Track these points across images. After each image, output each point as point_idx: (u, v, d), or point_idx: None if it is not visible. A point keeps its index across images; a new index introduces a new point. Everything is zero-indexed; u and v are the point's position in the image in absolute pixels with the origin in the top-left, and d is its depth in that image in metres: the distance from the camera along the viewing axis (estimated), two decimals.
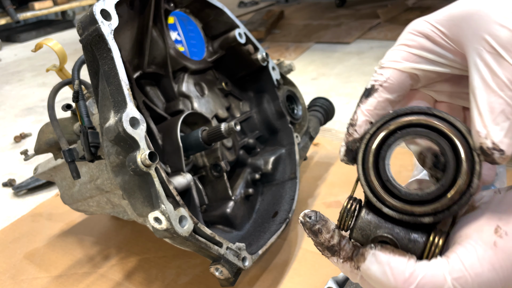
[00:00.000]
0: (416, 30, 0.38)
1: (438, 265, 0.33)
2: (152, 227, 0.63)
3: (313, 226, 0.38)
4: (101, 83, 0.68)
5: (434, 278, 0.32)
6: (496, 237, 0.32)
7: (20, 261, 0.98)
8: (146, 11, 0.89)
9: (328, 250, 0.38)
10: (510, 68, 0.31)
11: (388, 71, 0.38)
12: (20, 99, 2.15)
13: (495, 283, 0.32)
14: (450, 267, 0.33)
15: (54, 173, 0.94)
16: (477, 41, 0.33)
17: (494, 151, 0.32)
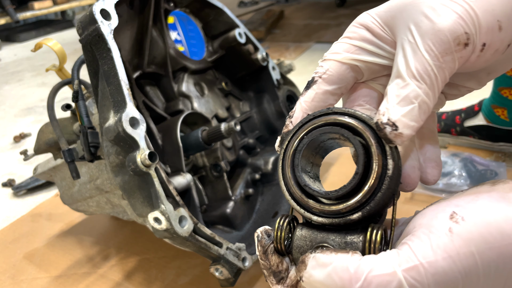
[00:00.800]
0: (358, 23, 0.38)
1: (387, 257, 0.30)
2: (152, 227, 0.62)
3: (267, 245, 0.36)
4: (101, 83, 0.68)
5: (382, 271, 0.29)
6: (451, 222, 0.29)
7: (20, 261, 0.98)
8: (146, 10, 0.89)
9: (274, 276, 0.36)
10: (422, 60, 0.31)
11: (328, 62, 0.38)
12: (20, 99, 2.15)
13: (452, 273, 0.28)
14: (400, 258, 0.29)
15: (54, 173, 0.94)
16: (403, 31, 0.33)
17: (387, 125, 0.31)
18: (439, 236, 0.29)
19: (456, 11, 0.31)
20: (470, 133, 1.19)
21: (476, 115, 1.18)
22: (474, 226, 0.29)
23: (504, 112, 1.12)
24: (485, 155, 1.16)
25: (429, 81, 0.31)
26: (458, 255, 0.28)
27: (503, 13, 0.31)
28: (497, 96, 1.12)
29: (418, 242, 0.30)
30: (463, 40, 0.31)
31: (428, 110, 0.32)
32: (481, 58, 0.33)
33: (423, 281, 0.28)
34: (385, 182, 0.32)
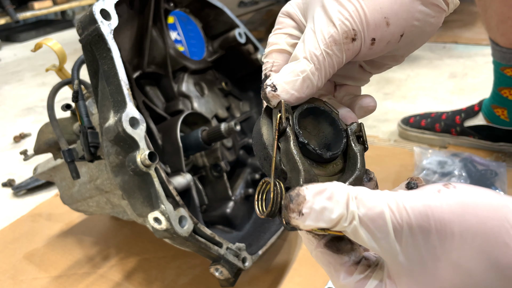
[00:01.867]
0: (283, 13, 0.41)
1: (377, 192, 0.31)
2: (152, 227, 0.62)
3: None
4: (101, 83, 0.68)
5: (374, 195, 0.30)
6: (442, 187, 0.30)
7: (20, 262, 0.98)
8: (146, 10, 0.89)
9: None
10: (315, 45, 0.35)
11: (272, 55, 0.40)
12: (20, 99, 2.15)
13: (428, 220, 0.28)
14: (389, 193, 0.30)
15: (54, 173, 0.94)
16: (309, 20, 0.37)
17: (267, 86, 0.35)
18: (427, 191, 0.30)
19: (348, 10, 0.35)
20: (470, 133, 1.19)
21: (476, 115, 1.18)
22: (462, 192, 0.29)
23: (504, 112, 1.12)
24: (485, 155, 1.16)
25: (317, 63, 0.35)
26: (437, 208, 0.29)
27: (390, 10, 0.35)
28: (497, 96, 1.12)
29: (405, 193, 0.31)
30: (350, 35, 0.35)
31: (312, 87, 0.35)
32: (375, 50, 0.37)
33: (402, 210, 0.29)
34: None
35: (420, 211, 0.28)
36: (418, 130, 1.28)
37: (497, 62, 1.09)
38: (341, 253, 0.33)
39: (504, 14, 0.99)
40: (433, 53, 2.10)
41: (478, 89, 1.64)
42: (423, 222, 0.28)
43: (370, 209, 0.29)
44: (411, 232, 0.29)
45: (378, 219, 0.29)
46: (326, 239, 0.34)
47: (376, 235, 0.29)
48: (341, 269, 0.33)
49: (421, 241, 0.29)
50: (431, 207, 0.28)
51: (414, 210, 0.29)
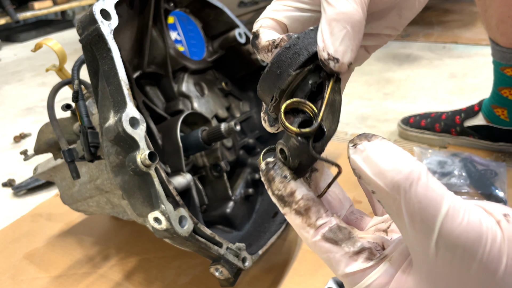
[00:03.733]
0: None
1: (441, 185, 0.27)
2: (152, 227, 0.62)
3: (268, 171, 0.33)
4: (101, 83, 0.68)
5: (437, 186, 0.26)
6: (503, 218, 0.26)
7: (20, 261, 0.98)
8: (146, 11, 0.89)
9: (279, 200, 0.33)
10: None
11: (260, 21, 0.37)
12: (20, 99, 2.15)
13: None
14: (453, 195, 0.26)
15: (54, 173, 0.94)
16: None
17: (330, 61, 0.31)
18: (487, 219, 0.26)
19: None
20: (470, 133, 1.19)
21: (476, 115, 1.18)
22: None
23: (504, 112, 1.12)
24: (485, 155, 1.16)
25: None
26: (494, 237, 0.25)
27: None
28: (497, 96, 1.12)
29: (470, 206, 0.27)
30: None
31: (360, 26, 0.32)
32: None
33: None
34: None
35: (478, 233, 0.25)
36: (418, 130, 1.29)
37: (497, 62, 1.09)
38: (339, 244, 0.31)
39: (504, 13, 0.99)
40: (433, 53, 2.10)
41: (478, 89, 1.64)
42: (472, 249, 0.25)
43: (425, 196, 0.25)
44: (455, 250, 0.25)
45: (427, 214, 0.25)
46: (323, 229, 0.31)
47: (419, 227, 0.26)
48: (342, 259, 0.30)
49: (461, 264, 0.25)
50: (487, 235, 0.25)
51: (472, 227, 0.25)
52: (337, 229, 0.31)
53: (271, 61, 0.33)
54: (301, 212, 0.31)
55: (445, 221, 0.25)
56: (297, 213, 0.32)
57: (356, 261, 0.30)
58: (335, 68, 0.31)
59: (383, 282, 0.29)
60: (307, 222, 0.31)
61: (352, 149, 0.28)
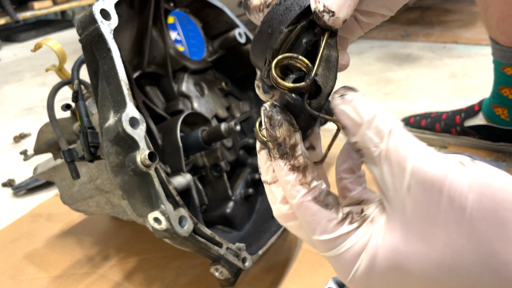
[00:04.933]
0: None
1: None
2: (152, 228, 0.62)
3: (274, 115, 0.31)
4: (101, 83, 0.68)
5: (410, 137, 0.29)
6: (469, 161, 0.29)
7: (20, 262, 0.98)
8: (146, 10, 0.89)
9: (278, 148, 0.31)
10: None
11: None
12: (20, 99, 2.15)
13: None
14: (423, 145, 0.29)
15: (54, 173, 0.94)
16: None
17: (324, 13, 0.29)
18: (454, 159, 0.29)
19: None
20: (470, 133, 1.19)
21: (476, 115, 1.18)
22: (482, 169, 0.28)
23: (505, 112, 1.12)
24: (485, 155, 1.16)
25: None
26: (456, 177, 0.27)
27: None
28: (497, 96, 1.12)
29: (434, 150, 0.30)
30: None
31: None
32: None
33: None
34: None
35: (443, 170, 0.27)
36: (418, 130, 1.29)
37: (497, 61, 1.09)
38: (329, 208, 0.30)
39: (504, 12, 0.99)
40: (433, 53, 2.10)
41: (478, 89, 1.64)
42: (439, 182, 0.26)
43: (401, 141, 0.28)
44: (424, 185, 0.27)
45: (402, 155, 0.28)
46: (315, 192, 0.31)
47: (394, 170, 0.28)
48: (327, 224, 0.30)
49: (430, 199, 0.27)
50: (451, 173, 0.27)
51: (435, 166, 0.27)
52: (327, 193, 0.31)
53: (262, 21, 0.31)
54: (298, 169, 0.31)
55: (415, 162, 0.27)
56: (293, 168, 0.31)
57: (342, 225, 0.30)
58: (329, 22, 0.30)
59: (365, 241, 0.29)
60: (301, 181, 0.30)
61: (339, 99, 0.30)
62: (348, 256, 0.30)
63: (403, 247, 0.28)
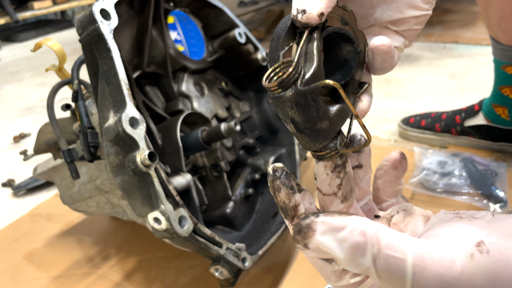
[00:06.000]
0: None
1: (403, 237, 0.27)
2: (152, 228, 0.62)
3: (275, 180, 0.34)
4: (101, 83, 0.68)
5: (397, 246, 0.26)
6: (476, 249, 0.27)
7: (19, 262, 0.98)
8: (146, 10, 0.89)
9: (282, 210, 0.34)
10: None
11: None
12: (19, 99, 2.15)
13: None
14: (416, 244, 0.27)
15: (54, 173, 0.94)
16: None
17: (298, 14, 0.33)
18: (459, 254, 0.27)
19: None
20: (471, 133, 1.19)
21: (476, 114, 1.18)
22: (494, 263, 0.26)
23: (505, 111, 1.12)
24: (485, 155, 1.16)
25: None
26: (467, 281, 0.26)
27: None
28: (497, 95, 1.12)
29: (438, 245, 0.27)
30: None
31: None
32: None
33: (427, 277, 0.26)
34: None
35: (447, 281, 0.25)
36: (418, 130, 1.28)
37: (498, 61, 1.09)
38: (330, 262, 0.32)
39: (505, 11, 0.98)
40: (433, 53, 2.10)
41: (479, 89, 1.64)
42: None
43: (391, 260, 0.26)
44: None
45: (398, 273, 0.26)
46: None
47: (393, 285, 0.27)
48: (332, 275, 0.32)
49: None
50: (459, 279, 0.25)
51: (441, 277, 0.25)
52: None
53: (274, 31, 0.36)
54: None
55: (414, 279, 0.25)
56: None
57: (344, 278, 0.32)
58: (303, 19, 0.32)
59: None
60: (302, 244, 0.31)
61: (306, 251, 0.29)
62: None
63: None
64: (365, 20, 0.39)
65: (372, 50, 0.36)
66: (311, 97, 0.32)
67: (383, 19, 0.38)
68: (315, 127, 0.33)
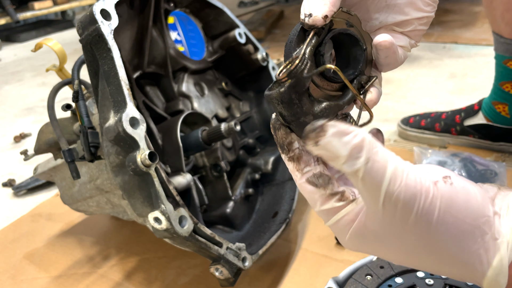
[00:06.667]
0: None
1: (390, 153, 0.34)
2: (152, 227, 0.63)
3: (276, 122, 0.41)
4: (101, 83, 0.68)
5: (383, 156, 0.33)
6: (442, 179, 0.33)
7: (20, 261, 0.98)
8: (146, 11, 0.89)
9: (280, 146, 0.41)
10: None
11: None
12: (20, 99, 2.15)
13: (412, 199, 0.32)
14: (397, 161, 0.33)
15: (54, 173, 0.94)
16: None
17: (305, 18, 0.37)
18: (428, 178, 0.33)
19: None
20: (470, 132, 1.19)
21: (476, 114, 1.18)
22: (454, 193, 0.33)
23: (506, 108, 1.11)
24: (485, 155, 1.16)
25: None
26: (427, 199, 0.32)
27: None
28: (499, 91, 1.12)
29: (413, 168, 0.34)
30: None
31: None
32: None
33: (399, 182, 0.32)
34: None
35: (413, 192, 0.32)
36: (418, 130, 1.29)
37: (500, 55, 1.08)
38: (319, 187, 0.38)
39: (510, 2, 0.98)
40: (433, 53, 2.10)
41: (478, 89, 1.64)
42: (409, 205, 0.32)
43: (375, 169, 0.32)
44: (396, 203, 0.32)
45: (376, 183, 0.32)
46: (308, 175, 0.39)
47: (370, 193, 0.33)
48: (319, 199, 0.38)
49: (401, 216, 0.32)
50: (421, 194, 0.32)
51: (408, 188, 0.32)
52: (318, 175, 0.38)
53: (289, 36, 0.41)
54: (294, 159, 0.39)
55: (388, 185, 0.32)
56: (291, 159, 0.40)
57: (330, 201, 0.37)
58: (309, 22, 0.37)
59: (349, 219, 0.37)
60: (296, 167, 0.39)
61: (314, 148, 0.34)
62: (339, 228, 0.37)
63: (379, 236, 0.35)
64: (372, 23, 0.44)
65: (375, 46, 0.41)
66: (294, 95, 0.37)
67: (388, 22, 0.43)
68: (299, 120, 0.38)
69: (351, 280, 0.70)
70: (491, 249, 0.32)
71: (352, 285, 0.69)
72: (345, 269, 0.74)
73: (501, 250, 0.32)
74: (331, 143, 0.32)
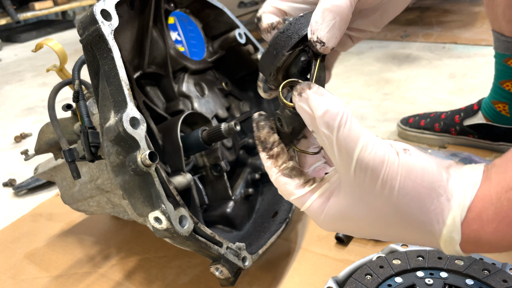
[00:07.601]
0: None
1: (363, 128, 0.37)
2: (152, 227, 0.63)
3: (260, 121, 0.45)
4: (102, 83, 0.69)
5: (358, 125, 0.37)
6: (402, 151, 0.37)
7: (20, 261, 0.98)
8: (146, 11, 0.90)
9: (261, 144, 0.44)
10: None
11: (265, 7, 0.47)
12: (21, 99, 2.15)
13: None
14: (370, 134, 0.37)
15: (55, 173, 0.94)
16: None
17: (317, 43, 0.40)
18: (391, 150, 0.37)
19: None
20: (470, 132, 1.19)
21: (475, 114, 1.18)
22: (412, 162, 0.37)
23: (506, 107, 1.12)
24: (484, 154, 1.16)
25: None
26: (392, 165, 0.36)
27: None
28: (499, 90, 1.12)
29: (381, 142, 0.38)
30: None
31: (346, 19, 0.40)
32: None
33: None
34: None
35: (381, 160, 0.36)
36: (418, 130, 1.29)
37: (501, 54, 1.08)
38: (293, 178, 0.42)
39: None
40: (433, 53, 2.10)
41: (478, 89, 1.64)
42: (377, 170, 0.36)
43: (348, 134, 0.36)
44: (366, 172, 0.36)
45: (349, 148, 0.36)
46: (283, 170, 0.43)
47: (343, 158, 0.37)
48: (294, 188, 0.42)
49: (370, 181, 0.36)
50: (386, 162, 0.36)
51: (377, 156, 0.36)
52: (292, 168, 0.43)
53: (269, 43, 0.42)
54: (273, 157, 0.44)
55: (360, 152, 0.36)
56: (270, 157, 0.44)
57: (304, 188, 0.42)
58: (320, 49, 0.40)
59: (323, 199, 0.41)
60: (274, 164, 0.43)
61: (298, 97, 0.38)
62: (314, 209, 0.41)
63: (350, 207, 0.39)
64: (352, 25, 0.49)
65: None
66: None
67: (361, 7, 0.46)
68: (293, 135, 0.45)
69: (350, 279, 0.70)
70: (446, 209, 0.36)
71: (352, 285, 0.69)
72: (345, 269, 0.74)
73: (454, 209, 0.36)
74: (311, 99, 0.37)
